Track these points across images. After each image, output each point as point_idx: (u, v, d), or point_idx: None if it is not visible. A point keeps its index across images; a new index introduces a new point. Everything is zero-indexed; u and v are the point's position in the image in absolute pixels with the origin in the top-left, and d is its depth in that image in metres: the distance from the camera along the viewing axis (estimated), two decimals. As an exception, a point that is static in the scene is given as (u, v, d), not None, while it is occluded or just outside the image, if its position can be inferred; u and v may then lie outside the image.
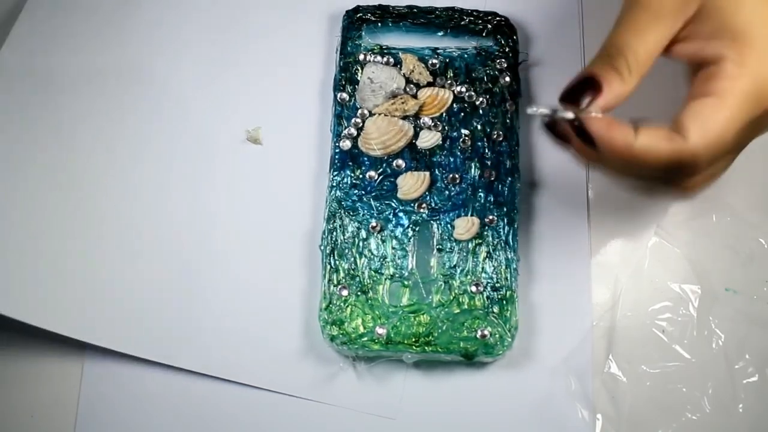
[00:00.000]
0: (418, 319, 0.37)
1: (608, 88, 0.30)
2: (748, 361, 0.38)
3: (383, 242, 0.39)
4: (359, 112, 0.41)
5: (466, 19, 0.43)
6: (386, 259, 0.38)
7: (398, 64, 0.41)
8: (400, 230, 0.39)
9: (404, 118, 0.40)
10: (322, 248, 0.38)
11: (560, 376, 0.38)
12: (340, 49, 0.42)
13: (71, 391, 0.38)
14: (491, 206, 0.39)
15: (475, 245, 0.38)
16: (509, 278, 0.38)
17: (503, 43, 0.42)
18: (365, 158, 0.40)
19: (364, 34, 0.43)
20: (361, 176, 0.40)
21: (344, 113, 0.41)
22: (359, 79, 0.41)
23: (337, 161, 0.40)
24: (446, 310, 0.37)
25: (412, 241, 0.39)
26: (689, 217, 0.40)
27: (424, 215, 0.39)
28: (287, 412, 0.38)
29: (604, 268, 0.40)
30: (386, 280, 0.38)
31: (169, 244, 0.40)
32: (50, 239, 0.40)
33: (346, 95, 0.41)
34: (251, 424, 0.38)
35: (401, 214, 0.39)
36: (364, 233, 0.39)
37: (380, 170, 0.40)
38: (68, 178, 0.41)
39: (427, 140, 0.40)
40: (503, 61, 0.42)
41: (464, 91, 0.41)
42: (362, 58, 0.42)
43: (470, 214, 0.39)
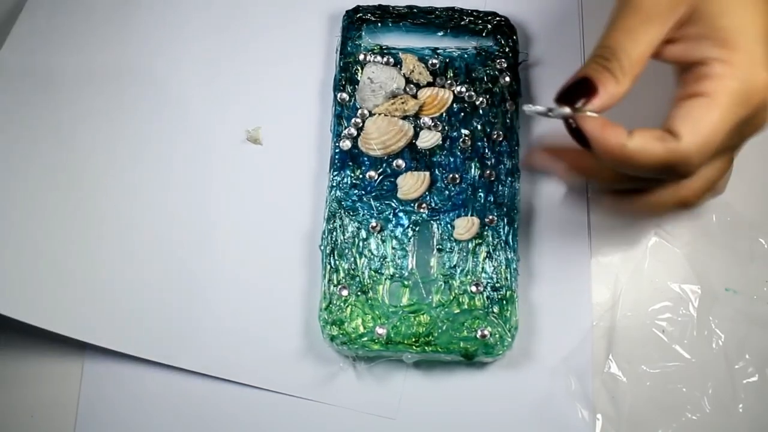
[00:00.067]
0: (418, 319, 0.37)
1: (603, 89, 0.31)
2: (748, 361, 0.38)
3: (383, 242, 0.39)
4: (359, 112, 0.41)
5: (466, 19, 0.43)
6: (386, 259, 0.38)
7: (398, 64, 0.41)
8: (400, 230, 0.39)
9: (404, 118, 0.40)
10: (322, 248, 0.38)
11: (560, 376, 0.38)
12: (340, 49, 0.42)
13: (71, 391, 0.38)
14: (491, 206, 0.39)
15: (475, 245, 0.38)
16: (509, 278, 0.38)
17: (503, 43, 0.42)
18: (365, 158, 0.40)
19: (364, 34, 0.43)
20: (361, 176, 0.40)
21: (344, 113, 0.41)
22: (359, 79, 0.41)
23: (337, 161, 0.40)
24: (446, 310, 0.37)
25: (412, 241, 0.39)
26: (689, 217, 0.40)
27: (424, 215, 0.39)
28: (287, 412, 0.38)
29: (604, 268, 0.40)
30: (386, 280, 0.38)
31: (169, 243, 0.40)
32: (50, 239, 0.40)
33: (346, 95, 0.41)
34: (251, 424, 0.38)
35: (401, 214, 0.39)
36: (364, 233, 0.39)
37: (380, 170, 0.40)
38: (68, 178, 0.41)
39: (427, 140, 0.40)
40: (503, 61, 0.42)
41: (464, 91, 0.41)
42: (362, 58, 0.42)
43: (470, 214, 0.39)
